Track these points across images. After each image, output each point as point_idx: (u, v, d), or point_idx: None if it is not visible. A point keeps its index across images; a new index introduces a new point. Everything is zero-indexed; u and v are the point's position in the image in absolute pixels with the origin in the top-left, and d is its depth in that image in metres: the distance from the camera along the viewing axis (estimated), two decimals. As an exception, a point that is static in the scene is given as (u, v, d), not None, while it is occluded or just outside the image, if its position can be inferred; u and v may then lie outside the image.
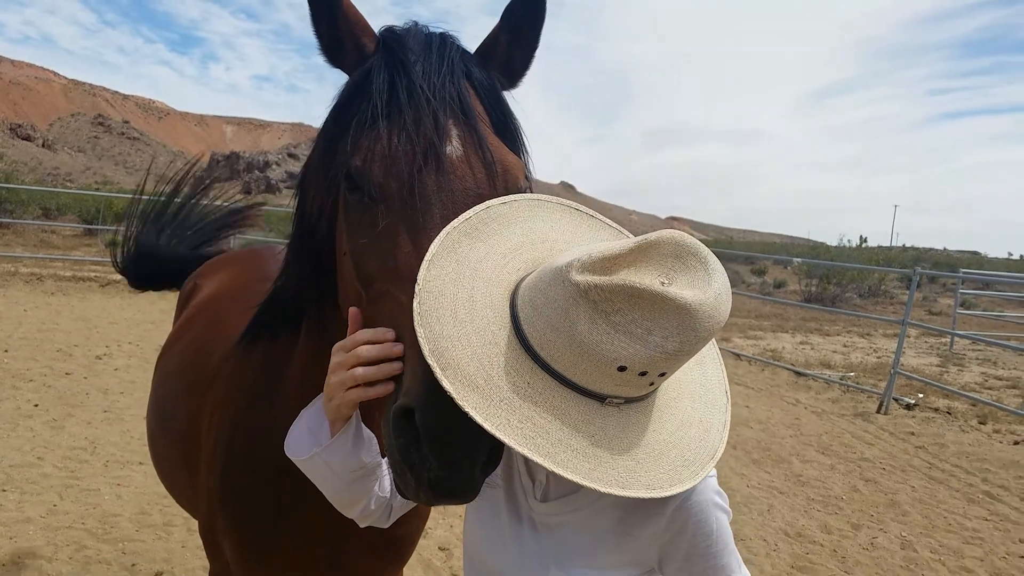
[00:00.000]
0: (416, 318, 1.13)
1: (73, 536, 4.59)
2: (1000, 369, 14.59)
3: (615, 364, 1.08)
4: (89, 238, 22.36)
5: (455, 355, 1.11)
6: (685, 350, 1.09)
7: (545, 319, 1.12)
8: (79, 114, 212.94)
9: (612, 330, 1.07)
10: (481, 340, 1.14)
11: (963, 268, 26.46)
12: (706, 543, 1.31)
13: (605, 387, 1.13)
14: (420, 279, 1.16)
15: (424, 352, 1.10)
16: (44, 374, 8.03)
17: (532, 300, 1.16)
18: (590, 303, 1.07)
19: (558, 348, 1.11)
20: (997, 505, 6.72)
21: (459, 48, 1.49)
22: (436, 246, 1.20)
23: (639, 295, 1.05)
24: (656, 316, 1.06)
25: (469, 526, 1.57)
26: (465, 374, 1.10)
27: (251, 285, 2.60)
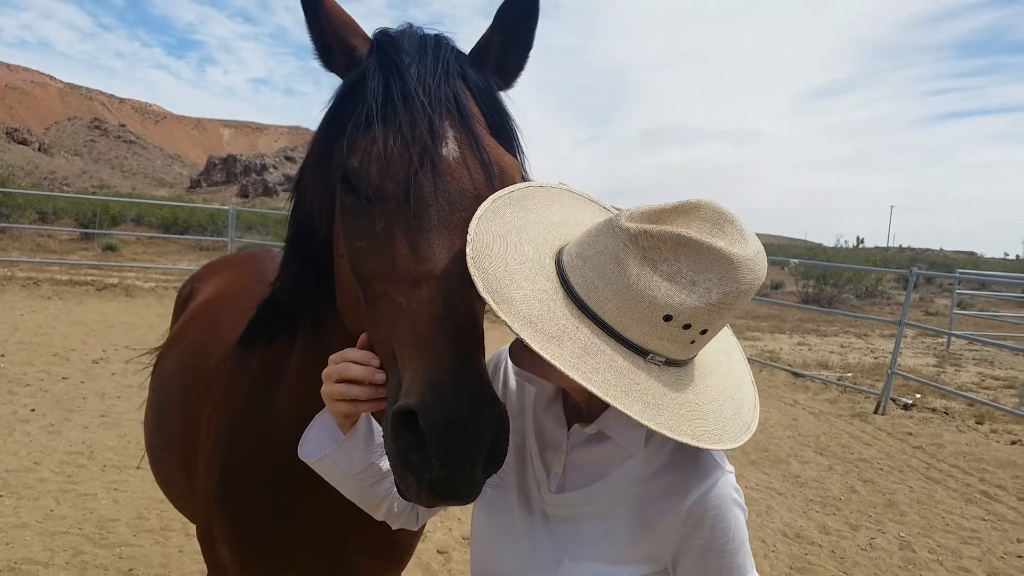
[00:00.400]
0: (470, 261, 1.16)
1: (70, 541, 4.58)
2: (997, 369, 14.62)
3: (661, 312, 1.13)
4: (86, 242, 22.36)
5: (508, 293, 1.14)
6: (728, 302, 1.14)
7: (594, 268, 1.17)
8: (75, 118, 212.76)
9: (659, 278, 1.12)
10: (532, 287, 1.18)
11: (959, 268, 26.50)
12: (723, 539, 1.30)
13: (649, 340, 1.16)
14: (472, 231, 1.20)
15: (479, 288, 1.13)
16: (41, 378, 8.01)
17: (580, 253, 1.20)
18: (639, 249, 1.13)
19: (606, 296, 1.15)
20: (994, 505, 6.73)
21: (454, 49, 1.48)
22: (484, 209, 1.25)
23: (686, 243, 1.11)
24: (701, 265, 1.12)
25: (477, 526, 1.56)
26: (518, 311, 1.13)
27: (248, 288, 2.60)
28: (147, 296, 14.34)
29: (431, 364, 1.14)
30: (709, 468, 1.32)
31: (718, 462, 1.34)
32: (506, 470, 1.53)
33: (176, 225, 26.30)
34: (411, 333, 1.19)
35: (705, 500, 1.30)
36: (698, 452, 1.33)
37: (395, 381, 1.23)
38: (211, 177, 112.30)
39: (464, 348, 1.17)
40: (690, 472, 1.32)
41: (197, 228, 25.91)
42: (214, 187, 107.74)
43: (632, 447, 1.34)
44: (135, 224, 27.74)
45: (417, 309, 1.21)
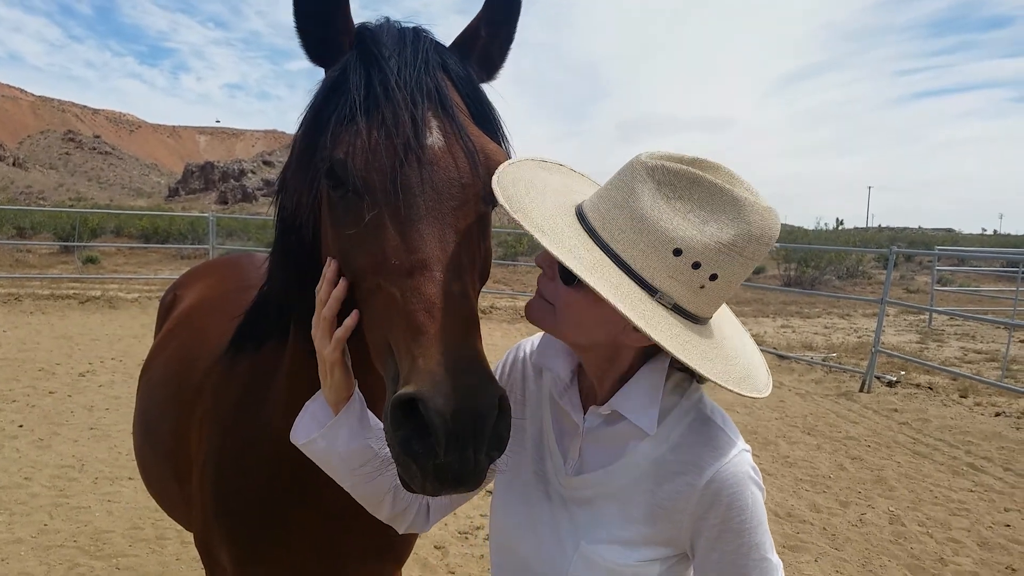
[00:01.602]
0: (494, 182, 1.27)
1: (66, 555, 4.57)
2: (979, 343, 14.80)
3: (672, 245, 1.15)
4: (66, 255, 22.13)
5: (526, 205, 1.22)
6: (738, 245, 1.16)
7: (610, 199, 1.22)
8: (49, 131, 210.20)
9: (672, 211, 1.16)
10: (551, 211, 1.24)
11: (938, 246, 26.75)
12: (740, 517, 1.27)
13: (658, 276, 1.18)
14: (499, 171, 1.30)
15: (498, 196, 1.23)
16: (27, 394, 7.95)
17: (599, 193, 1.27)
18: (655, 182, 1.17)
19: (619, 225, 1.19)
20: (981, 476, 6.84)
21: (433, 41, 1.49)
22: (513, 160, 1.37)
23: (700, 182, 1.15)
24: (715, 205, 1.16)
25: (496, 515, 1.56)
26: (533, 220, 1.20)
27: (231, 294, 2.60)
28: (131, 307, 14.22)
29: (429, 352, 1.15)
30: (725, 445, 1.31)
31: (733, 439, 1.33)
32: (525, 454, 1.54)
33: (156, 235, 26.06)
34: (407, 323, 1.20)
35: (721, 477, 1.28)
36: (713, 430, 1.33)
37: (393, 372, 1.23)
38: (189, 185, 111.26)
39: (461, 334, 1.18)
40: (705, 449, 1.31)
41: (177, 237, 25.69)
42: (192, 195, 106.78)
43: (646, 425, 1.33)
44: (115, 235, 27.44)
45: (411, 299, 1.21)
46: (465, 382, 1.12)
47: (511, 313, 15.47)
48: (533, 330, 1.45)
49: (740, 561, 1.29)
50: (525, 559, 1.47)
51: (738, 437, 1.35)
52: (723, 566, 1.30)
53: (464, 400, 1.10)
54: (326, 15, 1.45)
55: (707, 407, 1.39)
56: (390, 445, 1.18)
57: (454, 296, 1.22)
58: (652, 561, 1.35)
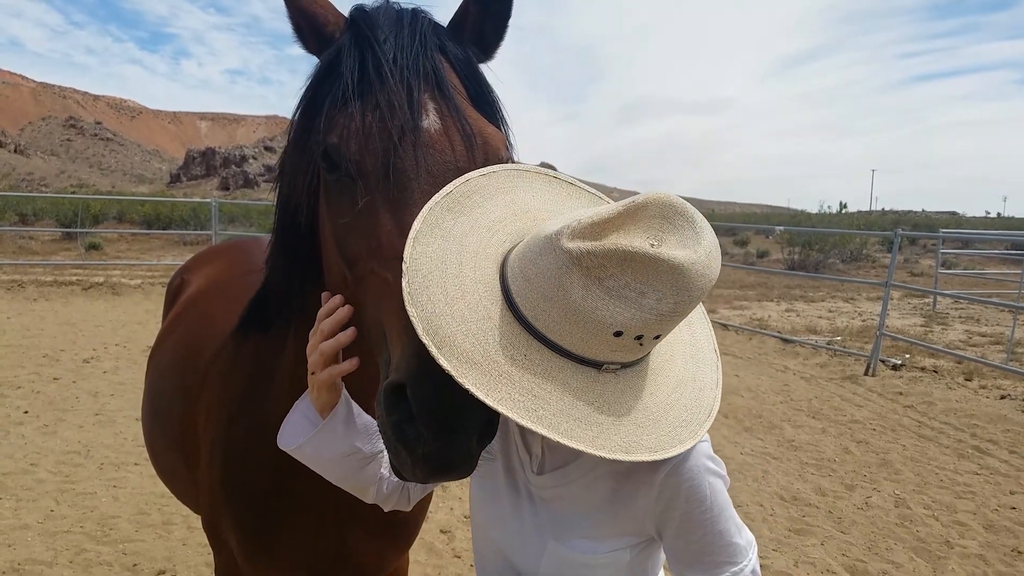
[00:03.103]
0: (406, 298, 1.11)
1: (72, 540, 4.58)
2: (983, 326, 14.77)
3: (611, 330, 1.09)
4: (68, 242, 22.16)
5: (450, 332, 1.09)
6: (679, 310, 1.10)
7: (538, 290, 1.11)
8: (50, 117, 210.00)
9: (606, 295, 1.07)
10: (475, 316, 1.13)
11: (942, 229, 26.68)
12: (700, 509, 1.29)
13: (601, 354, 1.13)
14: (406, 258, 1.14)
15: (418, 331, 1.08)
16: (32, 380, 7.96)
17: (523, 271, 1.15)
18: (583, 270, 1.06)
19: (553, 318, 1.11)
20: (987, 459, 6.83)
21: (431, 22, 1.46)
22: (419, 223, 1.18)
23: (631, 258, 1.05)
24: (649, 278, 1.06)
25: (474, 504, 1.58)
26: (462, 351, 1.08)
27: (238, 278, 2.59)
28: (134, 293, 14.24)
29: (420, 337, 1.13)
30: None
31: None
32: (494, 451, 1.54)
33: (159, 221, 26.07)
34: (399, 308, 1.17)
35: (677, 472, 1.29)
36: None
37: (385, 358, 1.22)
38: (190, 171, 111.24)
39: None
40: None
41: (180, 223, 25.70)
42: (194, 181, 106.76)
43: None
44: (117, 222, 27.46)
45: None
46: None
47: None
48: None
49: (707, 549, 1.31)
50: (502, 550, 1.49)
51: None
52: (692, 554, 1.32)
53: (452, 385, 1.07)
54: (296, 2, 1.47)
55: None
56: (382, 431, 1.17)
57: None
58: (621, 550, 1.37)
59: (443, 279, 1.14)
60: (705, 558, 1.31)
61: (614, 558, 1.37)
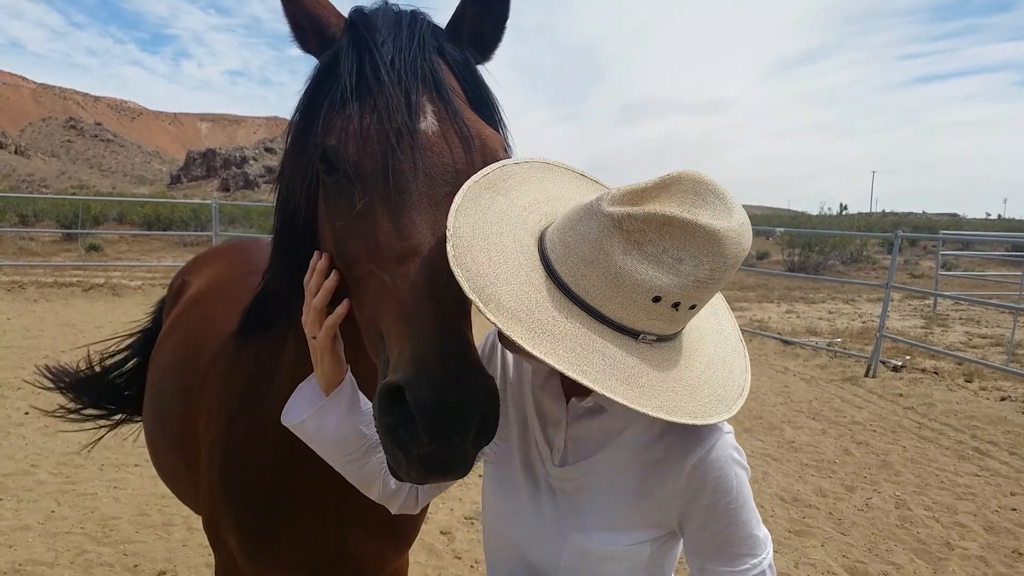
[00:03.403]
0: (452, 260, 1.13)
1: (73, 541, 4.59)
2: (983, 327, 14.76)
3: (649, 295, 1.13)
4: (69, 243, 22.16)
5: (494, 291, 1.13)
6: (715, 277, 1.15)
7: (578, 255, 1.16)
8: (50, 118, 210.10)
9: (645, 260, 1.12)
10: (517, 279, 1.16)
11: (942, 230, 26.67)
12: (726, 500, 1.30)
13: (639, 321, 1.16)
14: (450, 226, 1.17)
15: (465, 289, 1.11)
16: (33, 381, 7.94)
17: (563, 240, 1.19)
18: (623, 233, 1.12)
19: (593, 283, 1.15)
20: (987, 460, 6.83)
21: (430, 24, 1.46)
22: (460, 199, 1.21)
23: (669, 223, 1.10)
24: (686, 243, 1.11)
25: (487, 502, 1.58)
26: (507, 307, 1.12)
27: (239, 279, 2.59)
28: (134, 294, 14.23)
29: (417, 339, 1.13)
30: (706, 431, 1.33)
31: (715, 424, 1.33)
32: (511, 445, 1.54)
33: (159, 222, 26.07)
34: (397, 310, 1.19)
35: (705, 462, 1.30)
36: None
37: (384, 359, 1.22)
38: (191, 172, 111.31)
39: (450, 322, 1.16)
40: (688, 436, 1.33)
41: (180, 224, 25.69)
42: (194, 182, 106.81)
43: (630, 416, 1.35)
44: (117, 223, 27.45)
45: (402, 285, 1.20)
46: (452, 370, 1.10)
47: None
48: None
49: (729, 540, 1.32)
50: (519, 545, 1.49)
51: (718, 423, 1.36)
52: (714, 545, 1.33)
53: (451, 388, 1.08)
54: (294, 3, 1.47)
55: None
56: (378, 432, 1.17)
57: (445, 283, 1.19)
58: (643, 543, 1.38)
59: (485, 245, 1.18)
60: (727, 549, 1.31)
61: (635, 551, 1.37)
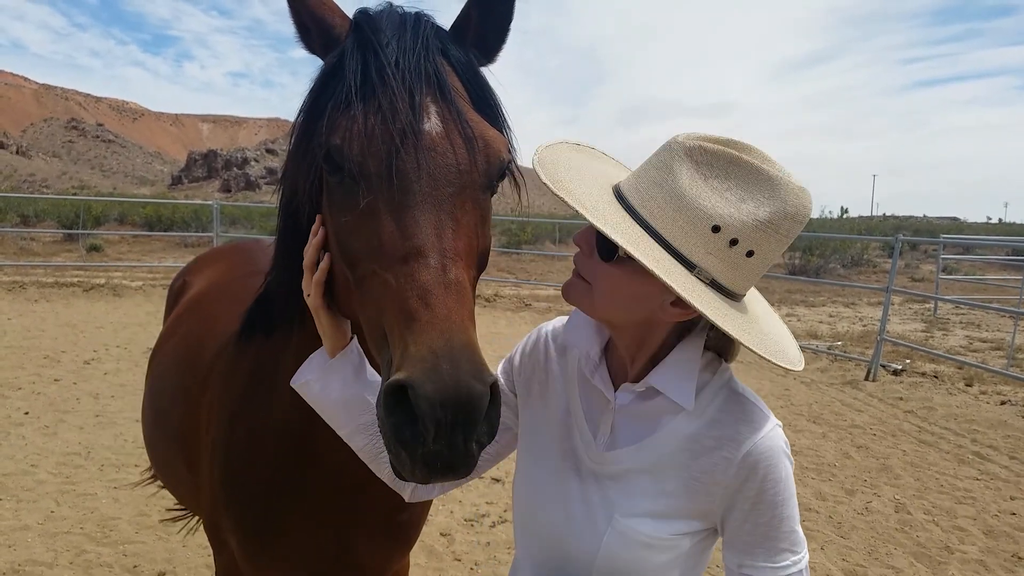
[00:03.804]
0: (534, 162, 1.28)
1: (72, 541, 4.59)
2: (984, 332, 14.77)
3: (710, 222, 1.20)
4: (70, 243, 22.16)
5: (568, 184, 1.25)
6: (774, 222, 1.20)
7: (648, 178, 1.26)
8: (52, 119, 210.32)
9: (710, 190, 1.20)
10: (591, 190, 1.28)
11: (943, 234, 26.68)
12: (774, 490, 1.30)
13: (696, 251, 1.22)
14: (537, 152, 1.32)
15: (540, 175, 1.25)
16: (32, 381, 7.97)
17: (636, 173, 1.31)
18: (693, 163, 1.21)
19: (658, 203, 1.23)
20: (987, 465, 6.83)
21: (434, 26, 1.47)
22: (548, 142, 1.37)
23: (737, 162, 1.20)
24: (750, 185, 1.20)
25: (522, 495, 1.57)
26: (576, 197, 1.23)
27: (240, 280, 2.60)
28: (135, 295, 14.24)
29: (421, 338, 1.14)
30: (760, 420, 1.34)
31: (767, 414, 1.36)
32: (549, 437, 1.55)
33: (160, 223, 26.08)
34: (400, 309, 1.19)
35: (758, 450, 1.30)
36: (747, 406, 1.36)
37: (387, 358, 1.23)
38: (192, 173, 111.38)
39: (454, 322, 1.17)
40: (742, 423, 1.33)
41: (181, 225, 25.70)
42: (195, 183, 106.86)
43: (684, 400, 1.35)
44: (118, 223, 27.45)
45: (405, 285, 1.20)
46: (456, 369, 1.11)
47: (515, 301, 15.45)
48: (538, 317, 1.46)
49: (772, 534, 1.31)
50: (555, 535, 1.48)
51: (770, 412, 1.38)
52: (755, 538, 1.32)
53: (454, 387, 1.08)
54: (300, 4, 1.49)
55: (737, 385, 1.42)
56: (382, 432, 1.17)
57: (448, 283, 1.21)
58: (684, 535, 1.37)
59: (568, 169, 1.31)
60: (768, 543, 1.31)
61: (676, 542, 1.36)
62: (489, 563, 4.60)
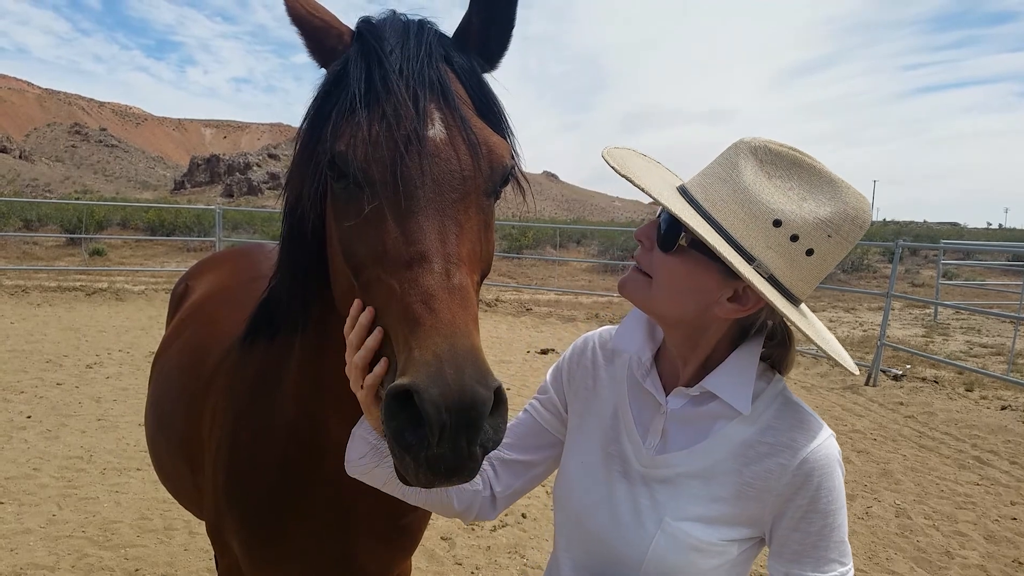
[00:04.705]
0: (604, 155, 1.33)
1: (74, 545, 4.60)
2: (984, 337, 14.76)
3: (772, 216, 1.23)
4: (72, 248, 22.18)
5: (636, 173, 1.32)
6: (835, 223, 1.24)
7: (712, 174, 1.30)
8: (55, 123, 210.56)
9: (773, 188, 1.24)
10: (657, 182, 1.34)
11: (943, 239, 26.66)
12: (828, 498, 1.30)
13: (757, 245, 1.25)
14: (605, 150, 1.37)
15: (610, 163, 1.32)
16: (35, 385, 7.99)
17: (702, 172, 1.34)
18: (758, 160, 1.25)
19: (721, 196, 1.26)
20: (987, 470, 6.84)
21: (437, 33, 1.48)
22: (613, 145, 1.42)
23: (800, 163, 1.24)
24: (812, 185, 1.24)
25: (570, 495, 1.57)
26: (645, 183, 1.30)
27: (243, 285, 2.61)
28: (137, 299, 14.26)
29: (425, 343, 1.14)
30: (816, 428, 1.34)
31: (821, 423, 1.36)
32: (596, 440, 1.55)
33: (162, 227, 26.08)
34: (404, 315, 1.20)
35: (814, 458, 1.30)
36: (802, 414, 1.37)
37: (392, 363, 1.24)
38: (195, 178, 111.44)
39: (458, 326, 1.17)
40: (798, 432, 1.33)
41: (184, 229, 25.70)
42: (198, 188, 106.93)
43: (741, 405, 1.35)
44: (121, 228, 27.47)
45: (409, 290, 1.21)
46: (460, 373, 1.11)
47: (516, 306, 15.45)
48: (539, 322, 1.48)
49: (822, 543, 1.31)
50: (602, 538, 1.47)
51: (824, 423, 1.38)
52: (804, 547, 1.32)
53: (458, 391, 1.09)
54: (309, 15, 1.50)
55: (791, 395, 1.42)
56: (386, 436, 1.18)
57: (452, 288, 1.21)
58: (733, 541, 1.37)
59: (635, 163, 1.38)
60: (818, 552, 1.31)
61: (724, 549, 1.36)
62: (490, 567, 4.61)
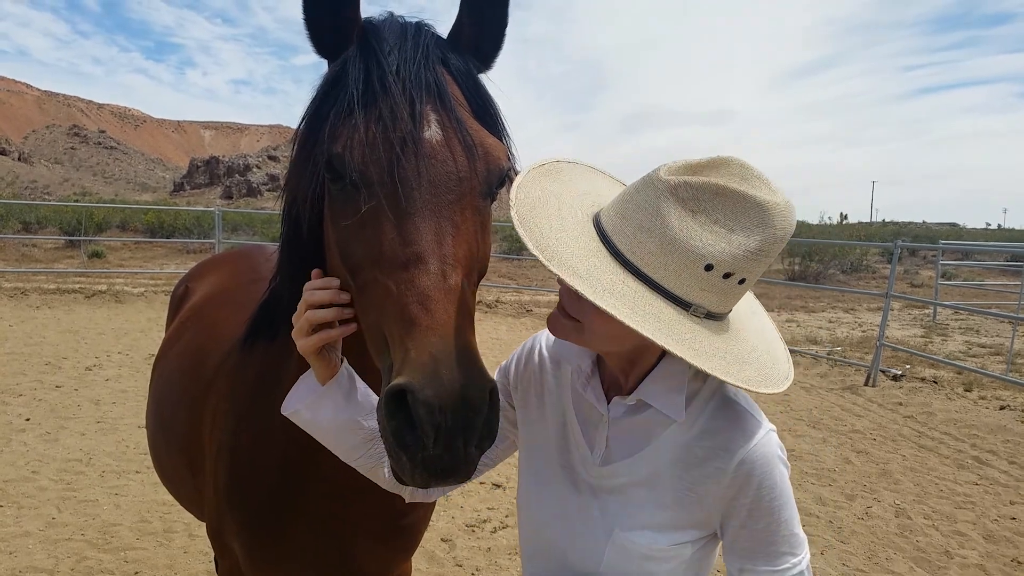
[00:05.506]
0: (517, 222, 1.22)
1: (73, 548, 4.60)
2: (983, 337, 14.77)
3: (703, 262, 1.19)
4: (71, 250, 22.18)
5: (557, 249, 1.21)
6: (764, 249, 1.20)
7: (635, 223, 1.23)
8: (54, 126, 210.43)
9: (699, 227, 1.18)
10: (576, 244, 1.24)
11: (942, 240, 26.69)
12: (770, 496, 1.30)
13: (691, 292, 1.22)
14: (513, 197, 1.27)
15: (530, 246, 1.20)
16: (34, 388, 7.99)
17: (619, 212, 1.27)
18: (679, 200, 1.19)
19: (649, 249, 1.21)
20: (986, 470, 6.84)
21: (434, 35, 1.49)
22: (520, 179, 1.31)
23: (723, 193, 1.18)
24: (738, 214, 1.18)
25: (525, 509, 1.58)
26: (569, 265, 1.19)
27: (243, 287, 2.61)
28: (137, 301, 14.25)
29: (421, 344, 1.15)
30: (752, 427, 1.34)
31: (759, 420, 1.36)
32: (549, 449, 1.55)
33: (162, 229, 26.07)
34: (401, 315, 1.21)
35: (751, 459, 1.31)
36: (739, 413, 1.36)
37: (387, 364, 1.24)
38: (194, 180, 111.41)
39: (454, 327, 1.19)
40: (733, 432, 1.33)
41: (183, 231, 25.70)
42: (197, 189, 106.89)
43: (674, 412, 1.35)
44: (120, 230, 27.48)
45: (406, 291, 1.22)
46: (456, 374, 1.12)
47: (516, 307, 15.47)
48: (539, 323, 1.47)
49: (770, 538, 1.32)
50: (559, 550, 1.49)
51: (763, 418, 1.38)
52: (755, 543, 1.33)
53: (453, 392, 1.10)
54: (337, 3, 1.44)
55: (729, 389, 1.41)
56: (383, 436, 1.19)
57: (448, 289, 1.22)
58: (684, 544, 1.38)
59: (546, 214, 1.28)
60: (768, 548, 1.32)
61: (677, 552, 1.37)
62: (490, 568, 4.61)
